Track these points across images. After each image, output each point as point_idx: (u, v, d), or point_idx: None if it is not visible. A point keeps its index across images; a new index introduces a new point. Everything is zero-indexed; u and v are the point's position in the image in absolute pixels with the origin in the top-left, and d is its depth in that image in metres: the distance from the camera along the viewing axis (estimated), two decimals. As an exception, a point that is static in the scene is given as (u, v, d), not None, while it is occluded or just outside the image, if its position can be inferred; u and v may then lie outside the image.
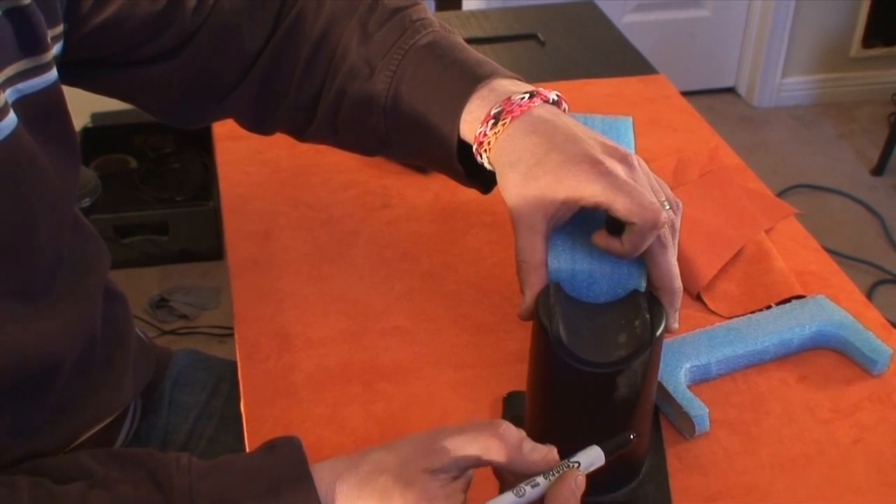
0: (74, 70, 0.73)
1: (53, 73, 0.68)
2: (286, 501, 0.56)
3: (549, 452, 0.58)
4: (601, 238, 0.66)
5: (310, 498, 0.56)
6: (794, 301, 0.85)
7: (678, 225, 0.67)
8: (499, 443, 0.57)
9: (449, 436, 0.58)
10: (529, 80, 0.74)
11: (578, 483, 0.56)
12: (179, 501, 0.56)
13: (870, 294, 2.28)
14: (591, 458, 0.58)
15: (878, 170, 2.74)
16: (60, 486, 0.58)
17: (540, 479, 0.56)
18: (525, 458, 0.57)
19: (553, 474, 0.57)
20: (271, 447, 0.60)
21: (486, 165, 0.71)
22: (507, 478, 0.59)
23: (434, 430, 0.59)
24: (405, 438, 0.59)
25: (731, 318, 0.85)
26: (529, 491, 0.56)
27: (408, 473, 0.57)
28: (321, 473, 0.58)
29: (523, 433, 0.58)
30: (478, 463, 0.58)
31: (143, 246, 2.28)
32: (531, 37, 1.41)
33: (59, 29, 0.69)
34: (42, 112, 0.67)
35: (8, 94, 0.64)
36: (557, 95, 0.71)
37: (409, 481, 0.56)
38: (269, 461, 0.58)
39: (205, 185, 2.35)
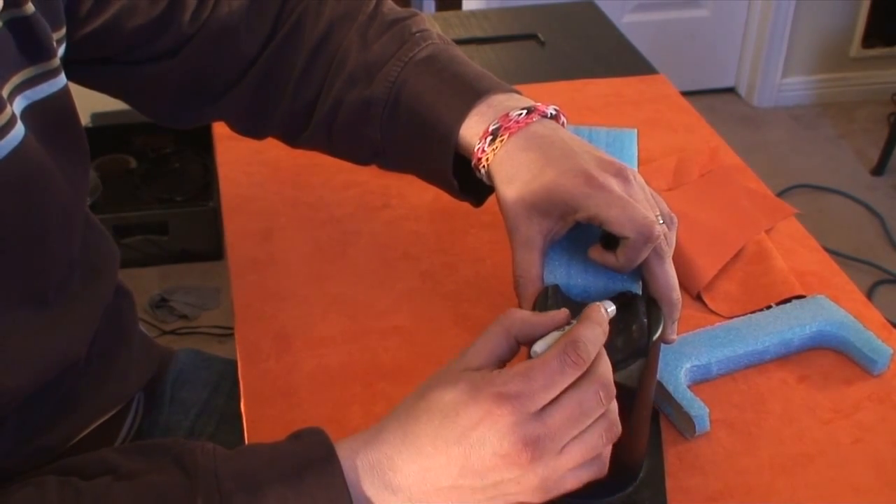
0: (68, 67, 0.73)
1: (62, 79, 0.68)
2: (310, 482, 0.55)
3: (560, 310, 0.60)
4: (597, 252, 0.67)
5: (335, 478, 0.56)
6: (794, 301, 0.85)
7: (673, 240, 0.68)
8: (514, 320, 0.59)
9: (468, 350, 0.59)
10: (529, 81, 0.74)
11: (606, 307, 0.60)
12: (204, 482, 0.55)
13: (870, 294, 2.28)
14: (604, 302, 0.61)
15: (878, 170, 2.74)
16: (86, 482, 0.58)
17: (573, 321, 0.59)
18: (542, 317, 0.59)
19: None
20: (297, 436, 0.59)
21: (485, 181, 0.71)
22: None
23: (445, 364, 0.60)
24: (420, 387, 0.59)
25: (731, 318, 0.85)
26: (568, 326, 0.59)
27: (449, 379, 0.57)
28: (344, 452, 0.57)
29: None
30: (510, 348, 0.59)
31: (143, 246, 2.28)
32: (531, 37, 1.41)
33: (63, 31, 0.69)
34: (52, 118, 0.67)
35: (16, 104, 0.63)
36: (556, 110, 0.72)
37: (454, 381, 0.56)
38: (294, 446, 0.58)
39: (205, 185, 2.35)
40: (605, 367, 0.57)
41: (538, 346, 0.57)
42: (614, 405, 0.58)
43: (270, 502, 0.54)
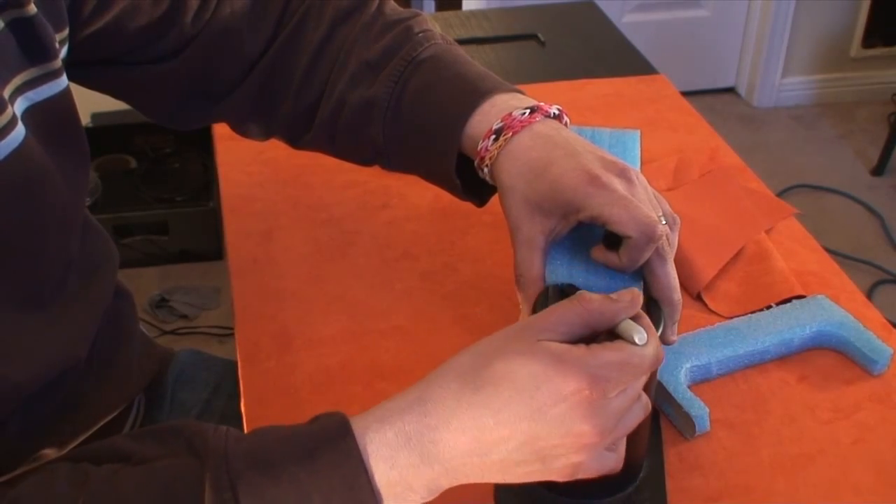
0: (70, 68, 0.73)
1: (63, 80, 0.68)
2: (323, 460, 0.53)
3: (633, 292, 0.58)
4: (599, 252, 0.67)
5: (350, 455, 0.53)
6: (794, 301, 0.85)
7: (675, 241, 0.68)
8: (593, 302, 0.57)
9: (536, 321, 0.56)
10: (529, 81, 0.74)
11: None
12: (214, 464, 0.54)
13: (870, 294, 2.28)
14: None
15: (878, 170, 2.74)
16: (96, 468, 0.57)
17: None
18: (617, 304, 0.57)
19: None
20: (316, 418, 0.57)
21: (488, 180, 0.71)
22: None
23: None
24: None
25: (731, 318, 0.85)
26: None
27: (522, 350, 0.54)
28: (367, 423, 0.55)
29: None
30: (582, 330, 0.56)
31: (143, 246, 2.28)
32: (531, 37, 1.41)
33: (66, 32, 0.69)
34: (52, 119, 0.67)
35: (17, 105, 0.63)
36: (559, 109, 0.71)
37: (531, 352, 0.54)
38: (310, 427, 0.56)
39: (205, 185, 2.35)
40: None
41: (637, 337, 0.56)
42: None
43: (282, 482, 0.53)
